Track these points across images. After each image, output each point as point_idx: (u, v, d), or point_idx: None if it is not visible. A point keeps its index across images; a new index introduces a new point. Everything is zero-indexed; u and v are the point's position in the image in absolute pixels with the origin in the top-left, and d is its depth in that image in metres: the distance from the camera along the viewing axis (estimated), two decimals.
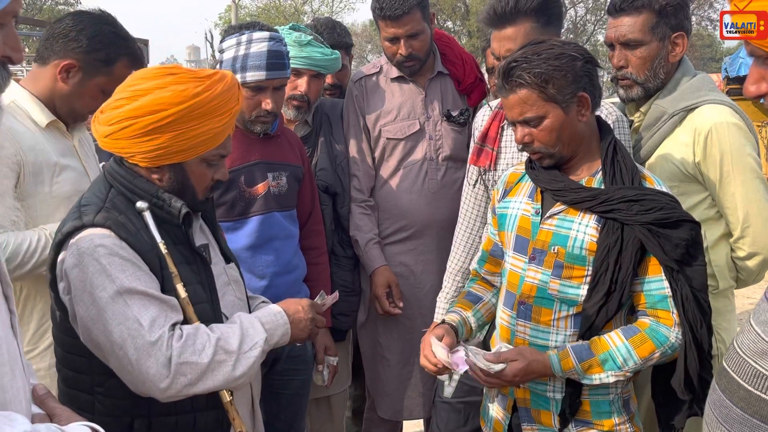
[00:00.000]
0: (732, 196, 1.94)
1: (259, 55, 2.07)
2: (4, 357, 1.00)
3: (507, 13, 2.02)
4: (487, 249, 1.96)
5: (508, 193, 1.85)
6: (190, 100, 1.45)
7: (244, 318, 1.57)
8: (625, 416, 1.71)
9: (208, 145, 1.52)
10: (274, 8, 34.36)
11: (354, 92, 2.64)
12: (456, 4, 29.83)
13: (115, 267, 1.41)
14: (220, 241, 1.75)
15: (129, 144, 1.48)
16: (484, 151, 2.21)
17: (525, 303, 1.73)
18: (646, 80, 2.04)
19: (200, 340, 1.45)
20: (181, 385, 1.43)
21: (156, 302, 1.43)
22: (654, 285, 1.64)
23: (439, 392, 2.24)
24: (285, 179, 2.24)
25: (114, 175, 1.55)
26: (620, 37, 2.04)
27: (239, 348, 1.48)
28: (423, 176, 2.59)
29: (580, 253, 1.66)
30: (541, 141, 1.67)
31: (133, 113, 1.45)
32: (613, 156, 1.69)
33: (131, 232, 1.46)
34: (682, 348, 1.62)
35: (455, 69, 2.63)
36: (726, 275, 2.02)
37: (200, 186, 1.58)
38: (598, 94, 1.69)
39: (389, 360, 2.64)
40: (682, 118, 2.00)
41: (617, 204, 1.62)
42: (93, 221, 1.45)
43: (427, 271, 2.62)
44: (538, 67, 1.60)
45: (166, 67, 1.53)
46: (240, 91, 1.56)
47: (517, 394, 1.76)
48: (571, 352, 1.63)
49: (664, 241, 1.60)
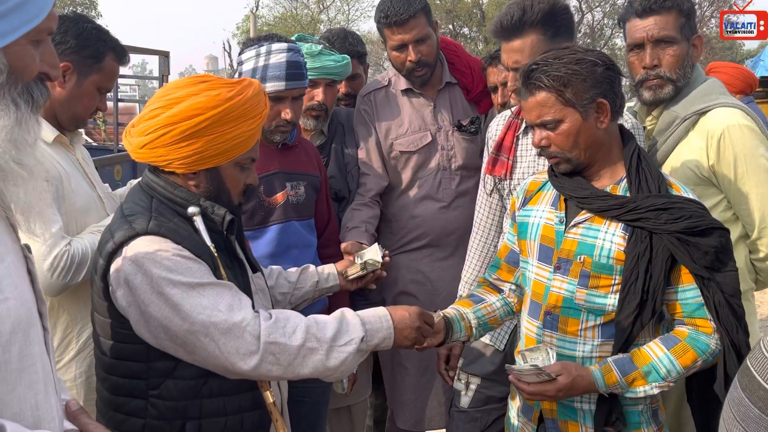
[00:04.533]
0: (747, 197, 1.94)
1: (278, 66, 2.09)
2: (39, 375, 1.00)
3: (513, 25, 2.03)
4: (502, 256, 1.95)
5: (529, 201, 1.84)
6: (225, 104, 1.50)
7: (347, 313, 1.59)
8: (654, 427, 1.69)
9: (241, 149, 1.56)
10: (291, 17, 34.63)
11: (363, 107, 2.64)
12: (472, 11, 29.83)
13: (179, 266, 1.45)
14: (246, 250, 1.77)
15: (167, 151, 1.51)
16: (499, 160, 2.20)
17: (551, 313, 1.71)
18: (678, 78, 2.05)
19: (292, 323, 1.48)
20: (270, 365, 1.46)
21: (228, 290, 1.48)
22: (690, 293, 1.62)
23: (455, 401, 2.24)
24: (303, 189, 2.25)
25: (152, 185, 1.58)
26: (654, 35, 2.03)
27: (333, 339, 1.50)
28: (437, 186, 2.59)
29: (607, 262, 1.63)
30: (558, 145, 1.66)
31: (171, 120, 1.49)
32: (638, 164, 1.67)
33: (185, 237, 1.50)
34: (720, 353, 1.60)
35: (464, 78, 2.62)
36: (746, 277, 2.01)
37: (235, 190, 1.62)
38: (619, 102, 1.67)
39: (408, 369, 2.63)
40: (694, 122, 2.00)
41: (645, 213, 1.59)
42: (147, 229, 1.48)
43: (442, 279, 2.62)
44: (557, 70, 1.60)
45: (197, 76, 1.58)
46: (266, 96, 1.61)
47: (544, 405, 1.74)
48: (613, 366, 1.61)
49: (692, 250, 1.57)
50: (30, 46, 1.01)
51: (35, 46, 1.02)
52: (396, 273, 2.63)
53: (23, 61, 0.99)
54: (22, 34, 0.97)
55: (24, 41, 0.99)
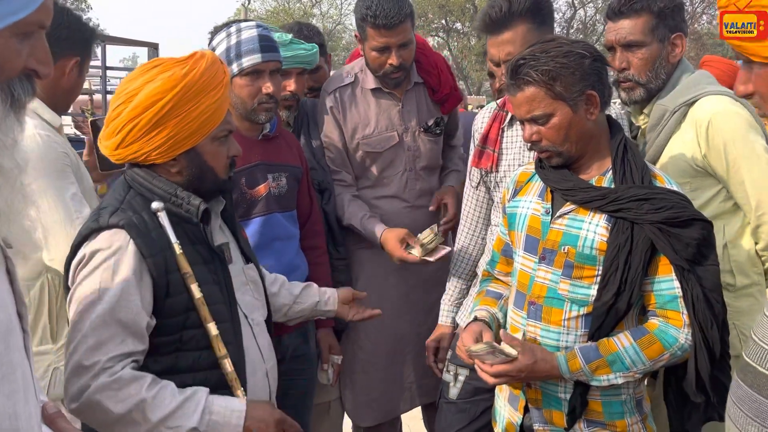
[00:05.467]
0: (742, 184, 1.90)
1: (251, 40, 2.09)
2: (18, 383, 0.97)
3: (502, 17, 2.02)
4: (498, 249, 1.95)
5: (518, 192, 1.85)
6: (182, 81, 1.48)
7: (198, 393, 1.47)
8: (637, 416, 1.70)
9: (212, 123, 1.54)
10: (283, 12, 34.50)
11: (329, 104, 2.59)
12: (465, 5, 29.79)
13: (105, 282, 1.44)
14: (239, 240, 1.76)
15: (140, 145, 1.51)
16: (485, 152, 2.21)
17: (535, 303, 1.71)
18: (648, 81, 2.05)
19: (127, 391, 1.41)
20: (86, 418, 1.46)
21: (117, 328, 1.43)
22: (664, 285, 1.63)
23: (444, 393, 2.25)
24: (285, 180, 2.25)
25: (133, 176, 1.58)
26: (621, 39, 2.05)
27: (162, 420, 1.42)
28: (404, 186, 2.60)
29: (590, 252, 1.64)
30: (549, 139, 1.66)
31: (134, 113, 1.48)
32: (624, 155, 1.68)
33: (142, 233, 1.48)
34: (692, 349, 1.60)
35: (430, 78, 2.61)
36: (747, 271, 1.96)
37: (219, 165, 1.60)
38: (607, 93, 1.68)
39: (375, 363, 2.63)
40: (683, 114, 1.99)
41: (627, 203, 1.60)
42: (108, 222, 1.48)
43: (407, 271, 2.61)
44: (545, 64, 1.60)
45: (149, 62, 1.57)
46: (223, 65, 1.58)
47: (529, 394, 1.75)
48: (578, 353, 1.62)
49: (674, 241, 1.58)
50: (15, 39, 0.94)
51: (21, 40, 0.96)
52: (359, 268, 2.64)
53: (3, 55, 0.94)
54: (3, 27, 0.91)
55: (7, 34, 0.93)
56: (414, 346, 2.60)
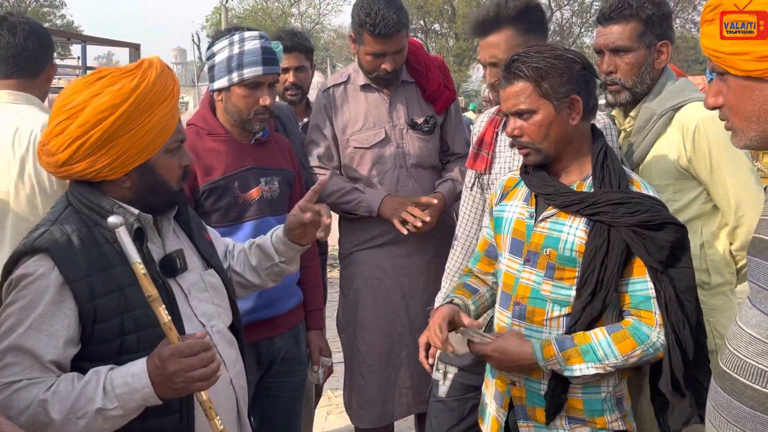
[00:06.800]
0: (724, 186, 2.00)
1: (254, 52, 2.10)
2: None
3: (489, 21, 2.09)
4: (482, 249, 2.01)
5: (505, 197, 1.90)
6: (132, 95, 1.39)
7: (98, 375, 1.36)
8: (617, 414, 1.75)
9: (165, 135, 1.47)
10: (261, 10, 34.27)
11: (322, 101, 2.68)
12: (443, 7, 29.91)
13: (21, 311, 1.36)
14: (198, 244, 1.68)
15: (90, 163, 1.41)
16: (480, 155, 2.26)
17: (520, 303, 1.77)
18: (633, 85, 2.12)
19: (26, 397, 1.33)
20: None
21: (22, 356, 1.35)
22: (638, 286, 1.68)
23: (433, 391, 2.27)
24: (277, 184, 2.27)
25: (72, 191, 1.49)
26: (609, 44, 2.12)
27: (66, 415, 1.32)
28: (395, 183, 2.63)
29: (570, 254, 1.70)
30: (530, 135, 1.72)
31: (81, 130, 1.39)
32: (604, 161, 1.74)
33: (67, 257, 1.38)
34: (666, 349, 1.65)
35: (419, 77, 2.66)
36: (722, 270, 2.06)
37: (172, 177, 1.53)
38: (592, 103, 1.74)
39: (370, 365, 2.64)
40: (670, 118, 2.07)
41: (603, 207, 1.66)
42: (33, 246, 1.39)
43: (402, 274, 2.65)
44: (537, 62, 1.67)
45: (92, 74, 1.47)
46: (172, 72, 1.51)
47: (514, 392, 1.80)
48: (553, 342, 1.68)
49: (648, 243, 1.63)
50: None
51: None
52: (355, 269, 2.67)
53: None
54: None
55: None
56: (410, 350, 2.59)
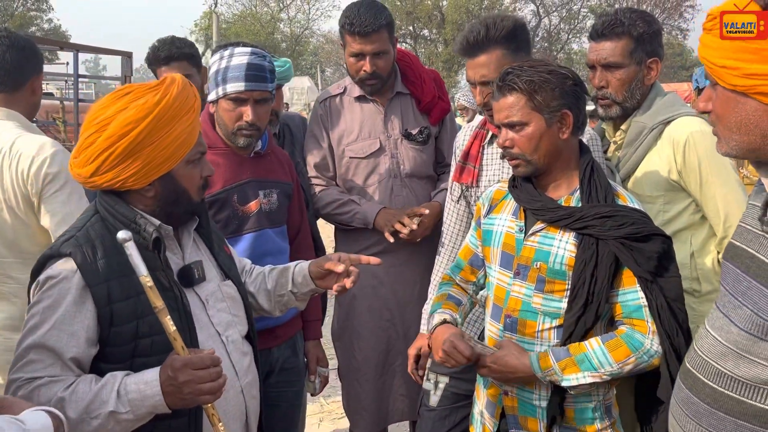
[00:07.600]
0: (713, 198, 2.07)
1: (238, 67, 2.12)
2: None
3: (479, 42, 2.13)
4: (465, 258, 2.04)
5: (494, 209, 1.94)
6: (155, 109, 1.50)
7: (115, 379, 1.45)
8: (607, 422, 1.80)
9: (186, 147, 1.56)
10: (251, 16, 34.22)
11: (319, 111, 2.73)
12: (432, 13, 30.04)
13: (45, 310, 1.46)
14: (217, 256, 1.76)
15: (116, 173, 1.52)
16: (466, 168, 2.30)
17: (511, 316, 1.82)
18: (624, 100, 2.19)
19: (46, 395, 1.41)
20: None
21: (44, 354, 1.45)
22: (629, 296, 1.73)
23: (424, 401, 2.29)
24: (276, 196, 2.29)
25: (100, 200, 1.59)
26: (601, 59, 2.19)
27: (80, 414, 1.41)
28: (389, 193, 2.66)
29: (560, 268, 1.75)
30: (520, 147, 1.77)
31: (108, 142, 1.49)
32: (590, 175, 1.79)
33: (88, 262, 1.48)
34: (662, 357, 1.69)
35: (414, 89, 2.71)
36: (711, 279, 2.12)
37: (193, 187, 1.62)
38: (582, 119, 1.79)
39: (366, 373, 2.68)
40: (660, 131, 2.14)
41: (591, 220, 1.71)
42: (59, 251, 1.50)
43: (397, 282, 2.68)
44: (531, 76, 1.73)
45: (119, 90, 1.57)
46: (193, 88, 1.60)
47: (506, 402, 1.84)
48: (550, 353, 1.72)
49: (636, 254, 1.69)
50: None
51: None
52: None
53: None
54: None
55: None
56: (405, 358, 2.57)
